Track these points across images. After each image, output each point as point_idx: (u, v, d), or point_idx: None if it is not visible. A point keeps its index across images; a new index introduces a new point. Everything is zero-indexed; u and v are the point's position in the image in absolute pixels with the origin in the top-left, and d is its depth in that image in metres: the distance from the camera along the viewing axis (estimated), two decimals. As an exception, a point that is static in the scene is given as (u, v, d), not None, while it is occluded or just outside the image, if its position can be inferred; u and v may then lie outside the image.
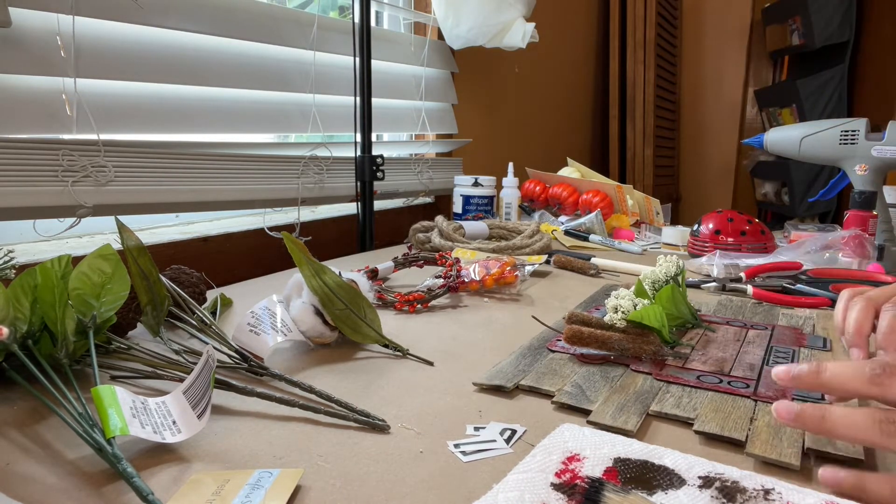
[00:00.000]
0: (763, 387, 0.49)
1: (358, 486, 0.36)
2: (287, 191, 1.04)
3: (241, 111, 0.99)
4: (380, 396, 0.49)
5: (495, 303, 0.77)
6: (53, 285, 0.47)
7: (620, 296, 0.59)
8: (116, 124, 0.82)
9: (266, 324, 0.56)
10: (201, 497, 0.34)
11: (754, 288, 0.81)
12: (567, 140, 2.31)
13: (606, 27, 2.45)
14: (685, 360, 0.56)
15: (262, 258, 1.02)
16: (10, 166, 0.71)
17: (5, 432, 0.42)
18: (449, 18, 1.34)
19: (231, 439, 0.42)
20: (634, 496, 0.34)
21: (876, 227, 0.98)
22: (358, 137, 1.14)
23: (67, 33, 0.75)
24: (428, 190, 1.38)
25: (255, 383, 0.50)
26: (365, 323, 0.60)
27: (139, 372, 0.50)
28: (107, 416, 0.37)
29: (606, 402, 0.46)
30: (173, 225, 1.01)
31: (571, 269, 0.96)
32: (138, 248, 0.55)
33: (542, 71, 2.02)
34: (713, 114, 2.98)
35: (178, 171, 0.87)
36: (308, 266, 0.59)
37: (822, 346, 0.60)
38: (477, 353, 0.59)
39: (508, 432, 0.42)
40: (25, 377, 0.45)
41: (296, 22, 1.07)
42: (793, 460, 0.38)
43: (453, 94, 1.51)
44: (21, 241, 0.82)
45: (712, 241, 1.02)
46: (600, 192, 1.39)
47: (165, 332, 0.56)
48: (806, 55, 2.60)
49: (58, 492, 0.35)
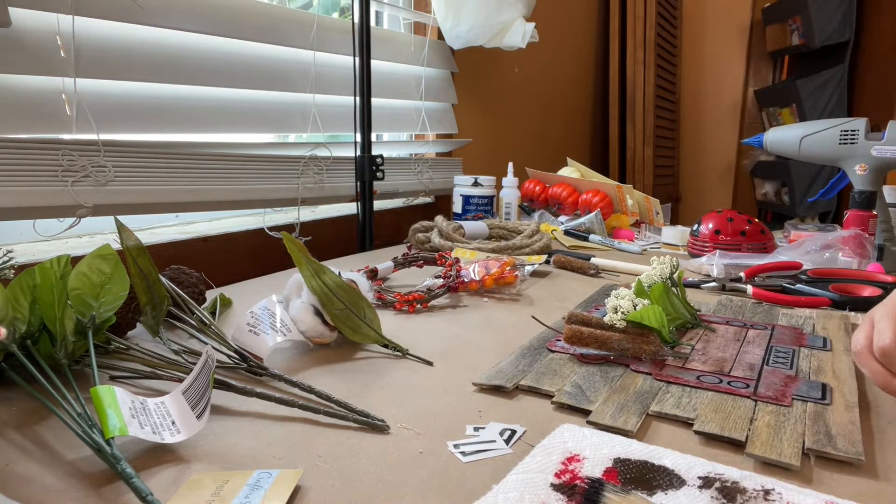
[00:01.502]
0: (763, 387, 0.49)
1: (358, 486, 0.36)
2: (287, 191, 1.04)
3: (241, 111, 0.99)
4: (379, 396, 0.49)
5: (495, 303, 0.77)
6: (53, 285, 0.47)
7: (620, 296, 0.59)
8: (116, 124, 0.82)
9: (265, 324, 0.56)
10: (201, 497, 0.34)
11: (754, 288, 0.81)
12: (567, 140, 2.31)
13: (606, 27, 2.45)
14: (685, 360, 0.56)
15: (262, 258, 1.02)
16: (10, 166, 0.71)
17: (5, 432, 0.42)
18: (449, 18, 1.34)
19: (230, 440, 0.42)
20: (634, 496, 0.34)
21: (876, 226, 0.98)
22: (358, 137, 1.14)
23: (67, 33, 0.75)
24: (428, 190, 1.38)
25: (255, 383, 0.50)
26: (365, 323, 0.60)
27: (138, 372, 0.50)
28: (106, 416, 0.37)
29: (606, 402, 0.46)
30: (173, 225, 1.01)
31: (571, 269, 0.96)
32: (138, 248, 0.55)
33: (542, 71, 2.01)
34: (713, 114, 2.98)
35: (178, 171, 0.87)
36: (308, 266, 0.58)
37: (822, 346, 0.60)
38: (477, 353, 0.59)
39: (508, 432, 0.42)
40: (25, 377, 0.45)
41: (296, 22, 1.06)
42: (793, 460, 0.38)
43: (453, 94, 1.51)
44: (21, 241, 0.82)
45: (712, 241, 1.02)
46: (600, 192, 1.38)
47: (165, 333, 0.56)
48: (806, 55, 2.60)
49: (57, 492, 0.35)
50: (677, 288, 0.66)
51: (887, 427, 0.44)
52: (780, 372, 0.53)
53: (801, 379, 0.51)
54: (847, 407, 0.46)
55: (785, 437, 0.41)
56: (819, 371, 0.53)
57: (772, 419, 0.44)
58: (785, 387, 0.49)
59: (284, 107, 1.07)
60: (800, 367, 0.54)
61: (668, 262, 0.66)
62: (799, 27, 2.49)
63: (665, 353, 0.56)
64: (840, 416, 0.44)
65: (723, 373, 0.53)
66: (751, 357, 0.57)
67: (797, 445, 0.40)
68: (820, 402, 0.47)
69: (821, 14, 2.41)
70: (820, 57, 2.52)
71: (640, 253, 1.10)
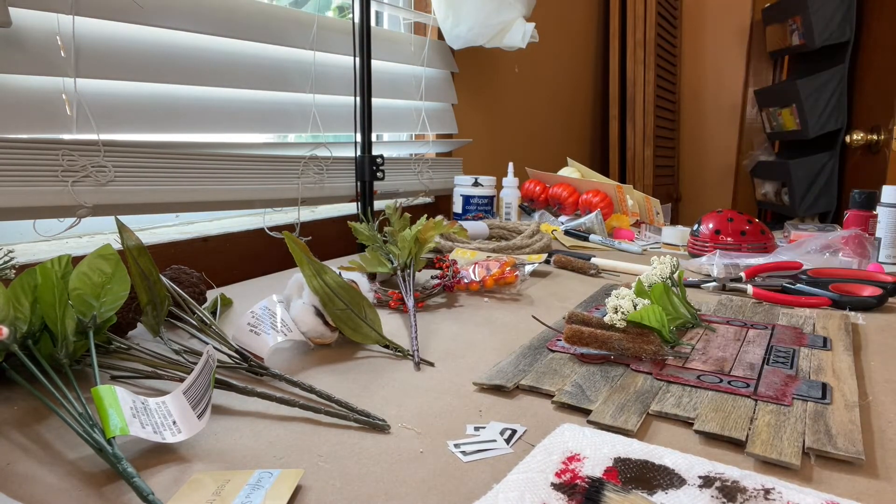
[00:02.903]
0: (763, 386, 0.49)
1: (358, 486, 0.36)
2: (287, 191, 1.04)
3: (241, 111, 0.99)
4: (380, 396, 0.49)
5: (495, 303, 0.77)
6: (53, 285, 0.47)
7: (620, 296, 0.59)
8: (116, 124, 0.82)
9: (266, 324, 0.56)
10: (201, 497, 0.34)
11: (754, 287, 0.81)
12: (567, 140, 2.31)
13: (606, 27, 2.45)
14: (685, 359, 0.56)
15: (263, 258, 1.02)
16: (10, 166, 0.71)
17: (5, 432, 0.42)
18: (449, 18, 1.34)
19: (231, 439, 0.42)
20: (635, 496, 0.34)
21: (876, 226, 0.98)
22: (358, 137, 1.14)
23: (67, 33, 0.75)
24: (428, 190, 1.38)
25: (256, 383, 0.50)
26: (365, 323, 0.60)
27: (139, 372, 0.50)
28: (107, 416, 0.37)
29: (606, 401, 0.46)
30: (173, 225, 1.01)
31: (571, 269, 0.97)
32: (138, 248, 0.55)
33: (542, 71, 2.02)
34: (713, 114, 2.98)
35: (178, 171, 0.87)
36: (309, 266, 0.59)
37: (823, 346, 0.60)
38: (477, 353, 0.59)
39: (508, 432, 0.42)
40: (25, 377, 0.45)
41: (296, 22, 1.07)
42: (793, 460, 0.38)
43: (453, 94, 1.51)
44: (21, 241, 0.82)
45: (712, 241, 1.02)
46: (600, 192, 1.39)
47: (165, 332, 0.56)
48: (806, 55, 2.59)
49: (58, 492, 0.35)
50: (677, 288, 0.66)
51: (887, 427, 0.44)
52: (781, 371, 0.53)
53: (801, 378, 0.52)
54: (847, 406, 0.46)
55: (785, 436, 0.41)
56: (819, 371, 0.54)
57: (772, 418, 0.44)
58: (785, 386, 0.49)
59: (284, 107, 1.07)
60: (800, 367, 0.54)
61: (669, 262, 0.66)
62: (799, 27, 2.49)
63: (665, 352, 0.56)
64: (840, 415, 0.44)
65: (723, 372, 0.53)
66: (751, 357, 0.57)
67: (797, 445, 0.40)
68: (820, 401, 0.47)
69: (821, 14, 2.41)
70: (820, 57, 2.52)
71: (641, 253, 1.10)
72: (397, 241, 0.79)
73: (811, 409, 0.45)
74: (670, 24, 2.72)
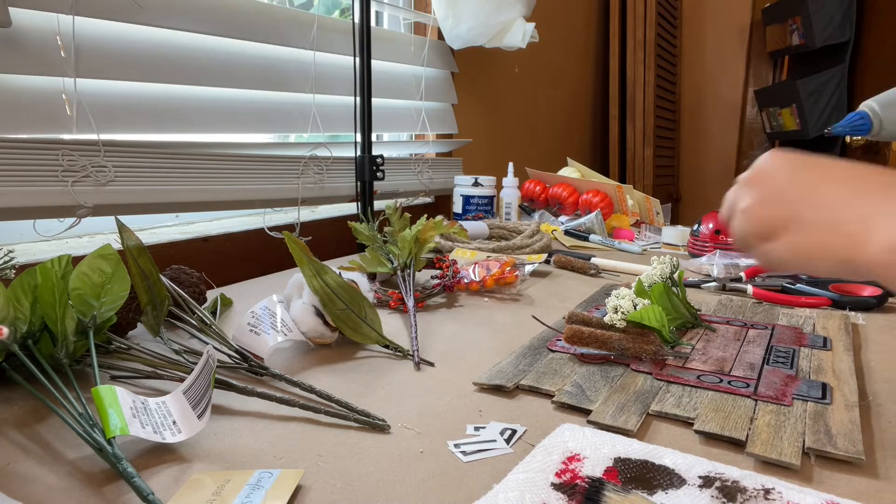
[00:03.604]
0: (763, 386, 0.49)
1: (358, 486, 0.36)
2: (287, 191, 1.04)
3: (241, 111, 0.99)
4: (380, 396, 0.49)
5: (495, 303, 0.77)
6: (53, 285, 0.47)
7: (620, 296, 0.59)
8: (116, 124, 0.82)
9: (266, 324, 0.56)
10: (201, 497, 0.34)
11: (754, 287, 0.81)
12: (567, 140, 2.31)
13: (606, 27, 2.45)
14: (685, 359, 0.56)
15: (263, 258, 1.02)
16: (10, 166, 0.71)
17: (5, 432, 0.42)
18: (449, 18, 1.34)
19: (231, 439, 0.42)
20: (635, 496, 0.34)
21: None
22: (358, 137, 1.14)
23: (67, 33, 0.75)
24: (428, 190, 1.38)
25: (256, 383, 0.50)
26: (365, 323, 0.60)
27: (139, 372, 0.50)
28: (107, 416, 0.37)
29: (606, 401, 0.46)
30: (173, 225, 1.01)
31: (571, 268, 0.97)
32: (138, 248, 0.55)
33: (542, 71, 2.01)
34: (713, 114, 2.98)
35: (178, 171, 0.87)
36: (309, 266, 0.59)
37: (823, 346, 0.60)
38: (477, 353, 0.59)
39: (508, 432, 0.42)
40: (25, 377, 0.45)
41: (296, 22, 1.06)
42: (793, 460, 0.38)
43: (453, 94, 1.51)
44: (21, 241, 0.82)
45: (712, 241, 1.02)
46: (600, 192, 1.39)
47: (165, 332, 0.56)
48: (806, 55, 2.59)
49: (58, 492, 0.35)
50: (677, 288, 0.66)
51: (887, 427, 0.44)
52: (781, 371, 0.53)
53: (801, 378, 0.52)
54: (847, 406, 0.46)
55: (785, 436, 0.41)
56: (819, 370, 0.54)
57: (772, 418, 0.44)
58: (785, 386, 0.49)
59: (284, 107, 1.07)
60: (800, 367, 0.54)
61: (669, 262, 0.66)
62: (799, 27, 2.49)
63: (665, 352, 0.56)
64: (840, 415, 0.44)
65: (723, 372, 0.53)
66: (751, 357, 0.57)
67: (797, 445, 0.40)
68: (820, 401, 0.47)
69: (821, 14, 2.41)
70: (820, 57, 2.52)
71: (641, 253, 1.10)
72: (397, 241, 0.79)
73: (811, 409, 0.45)
74: (670, 24, 2.72)
